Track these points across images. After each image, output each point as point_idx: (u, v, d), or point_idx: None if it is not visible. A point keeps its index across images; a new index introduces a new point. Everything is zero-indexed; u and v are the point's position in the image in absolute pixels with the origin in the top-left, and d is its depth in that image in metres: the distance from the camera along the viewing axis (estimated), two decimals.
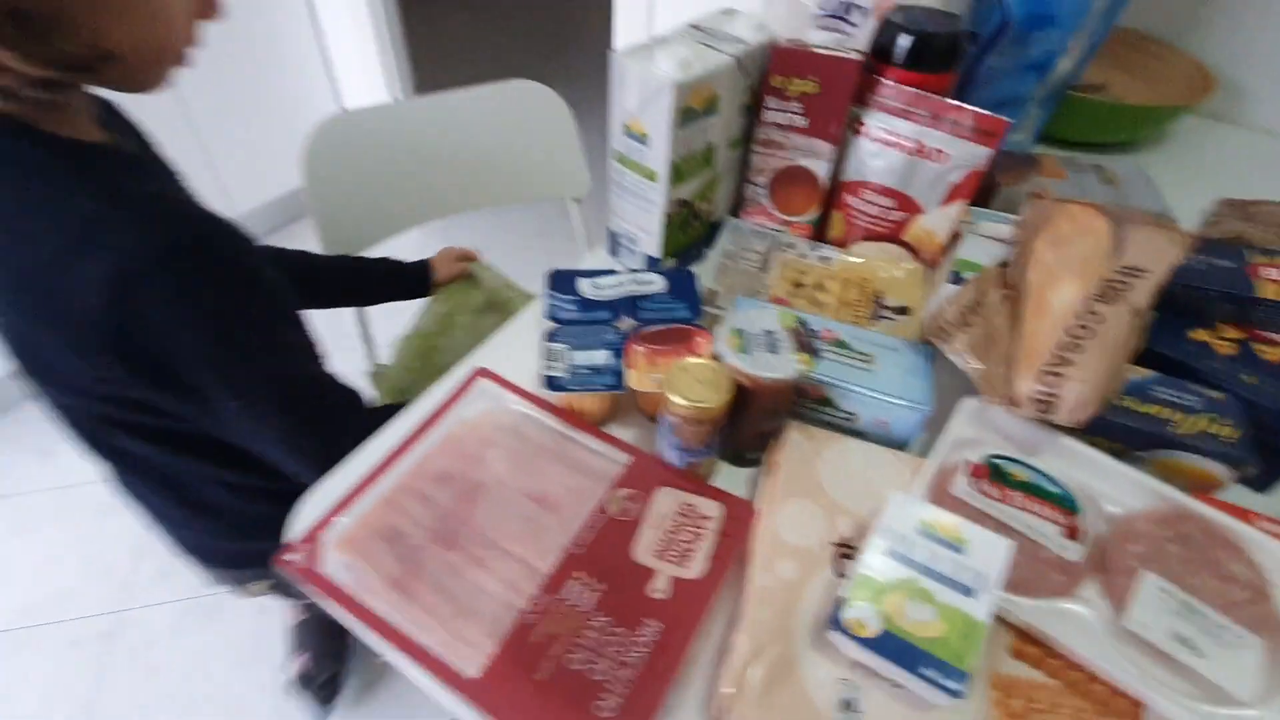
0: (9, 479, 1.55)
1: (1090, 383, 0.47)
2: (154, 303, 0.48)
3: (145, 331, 0.49)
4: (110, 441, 0.63)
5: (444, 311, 1.03)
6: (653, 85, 0.57)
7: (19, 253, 0.48)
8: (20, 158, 0.47)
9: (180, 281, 0.48)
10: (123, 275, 0.46)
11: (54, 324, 0.50)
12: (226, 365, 0.53)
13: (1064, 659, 0.43)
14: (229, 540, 0.75)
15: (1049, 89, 0.86)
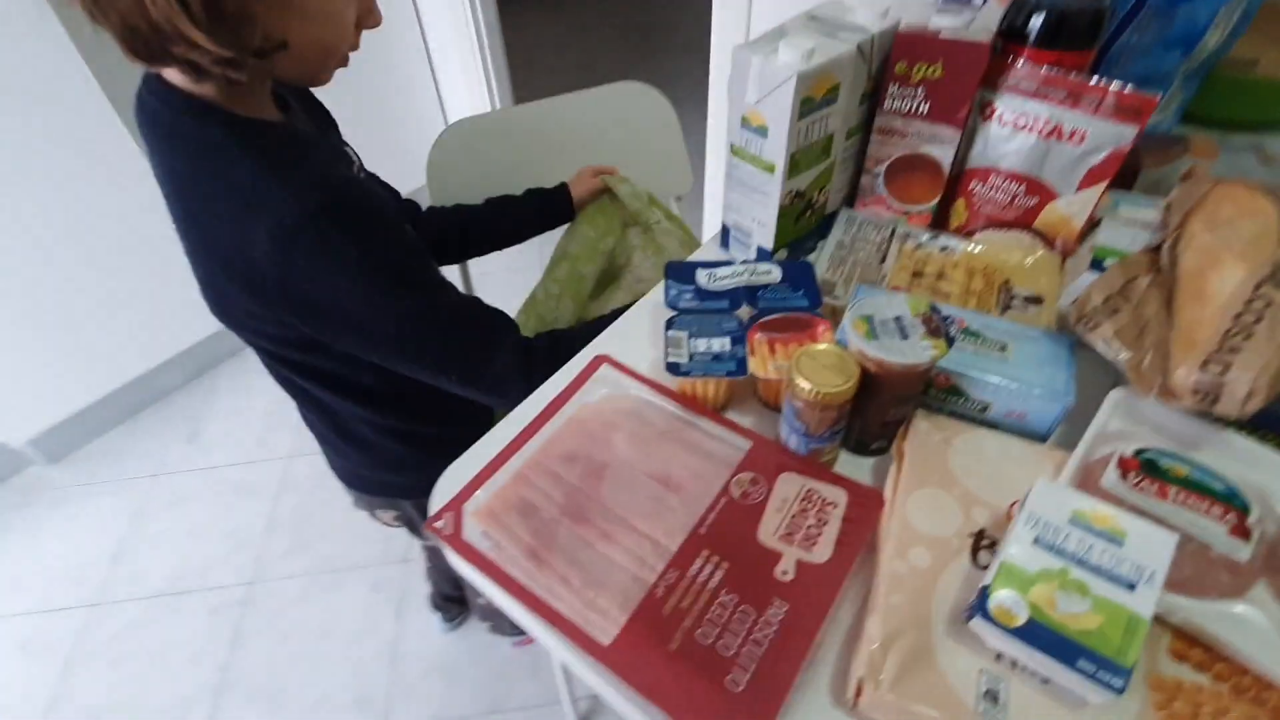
0: (161, 460, 1.73)
1: (1261, 372, 0.43)
2: (306, 255, 0.55)
3: (303, 280, 0.56)
4: (286, 376, 0.73)
5: (589, 236, 1.00)
6: (774, 76, 0.58)
7: (203, 214, 0.57)
8: (203, 134, 0.56)
9: (323, 237, 0.55)
10: (277, 233, 0.54)
11: (232, 275, 0.58)
12: (373, 302, 0.60)
13: (1233, 663, 0.40)
14: (369, 469, 0.86)
15: (1194, 65, 0.80)
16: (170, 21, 0.48)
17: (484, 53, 1.92)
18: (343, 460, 0.87)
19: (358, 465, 0.86)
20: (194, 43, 0.49)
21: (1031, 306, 0.61)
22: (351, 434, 0.80)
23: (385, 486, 0.88)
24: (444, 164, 1.01)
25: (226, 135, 0.56)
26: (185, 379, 1.90)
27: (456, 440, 0.60)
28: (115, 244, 1.58)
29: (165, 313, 1.75)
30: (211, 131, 0.56)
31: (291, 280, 0.56)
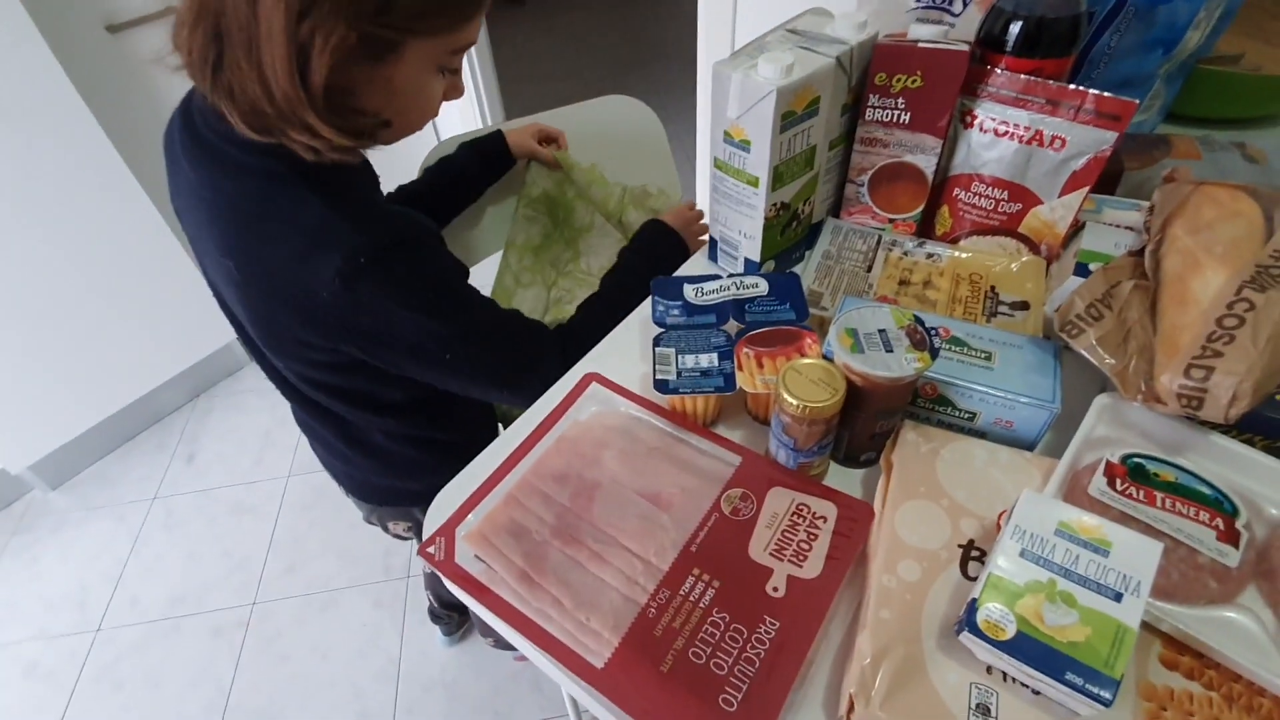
0: (160, 482, 1.73)
1: (1244, 375, 0.43)
2: (371, 290, 0.57)
3: (367, 313, 0.59)
4: (304, 393, 0.75)
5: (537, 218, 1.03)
6: (754, 91, 0.58)
7: (266, 250, 0.58)
8: (269, 171, 0.57)
9: (388, 271, 0.58)
10: (345, 271, 0.56)
11: (292, 306, 0.59)
12: (437, 330, 0.62)
13: (1223, 670, 0.40)
14: (381, 477, 0.86)
15: (1176, 64, 0.80)
16: (294, 110, 0.52)
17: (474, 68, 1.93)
18: (352, 470, 0.88)
19: (369, 473, 0.87)
20: (315, 130, 0.53)
21: (1018, 312, 0.61)
22: (365, 443, 0.81)
23: (398, 494, 0.89)
24: None
25: (291, 172, 0.57)
26: (181, 401, 1.90)
27: (471, 444, 0.61)
28: (111, 269, 1.59)
29: (161, 336, 1.75)
30: (275, 167, 0.57)
31: (356, 314, 0.59)
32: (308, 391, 0.73)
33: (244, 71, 0.51)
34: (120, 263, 1.60)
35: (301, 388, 0.73)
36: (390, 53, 0.54)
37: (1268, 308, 0.45)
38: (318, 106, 0.52)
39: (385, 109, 0.58)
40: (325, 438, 0.84)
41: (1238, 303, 0.46)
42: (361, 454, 0.82)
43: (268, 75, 0.50)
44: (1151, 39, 0.75)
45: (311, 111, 0.52)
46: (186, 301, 1.73)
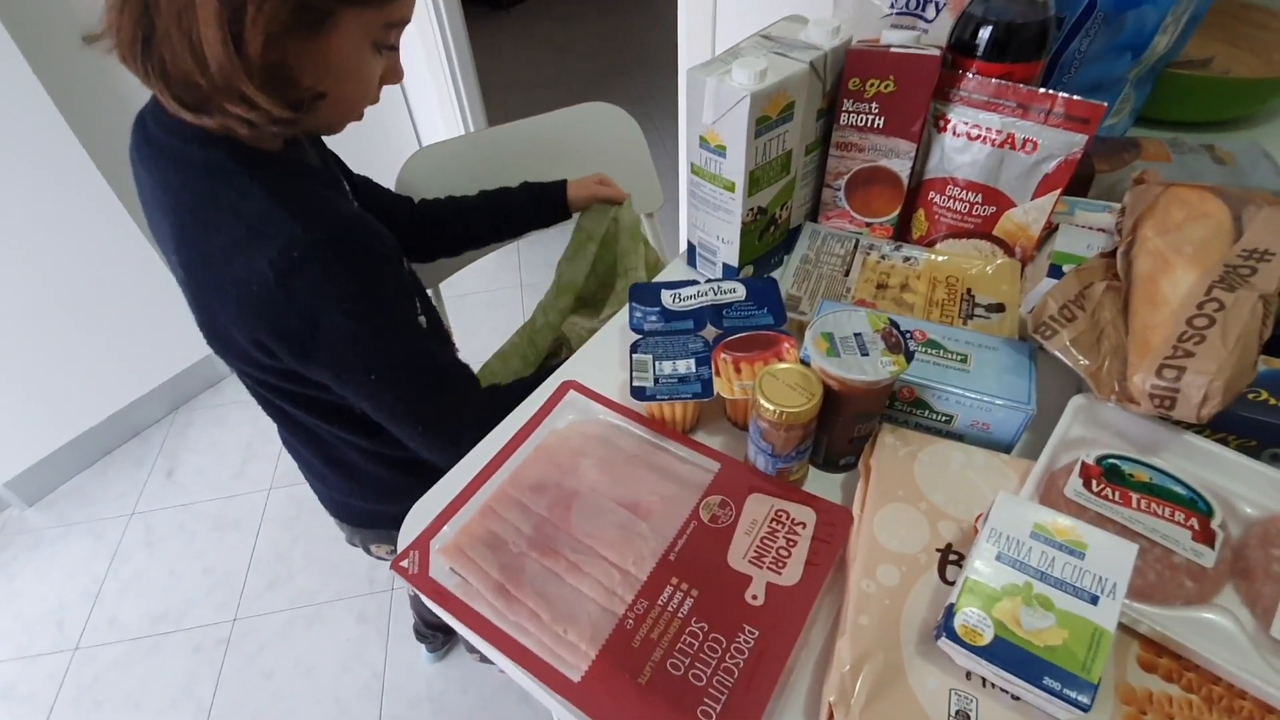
0: (138, 498, 1.70)
1: (1215, 375, 0.43)
2: (305, 287, 0.55)
3: (298, 312, 0.56)
4: (272, 401, 0.72)
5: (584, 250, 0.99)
6: (729, 97, 0.58)
7: (206, 239, 0.57)
8: (211, 160, 0.56)
9: (326, 268, 0.56)
10: (279, 263, 0.54)
11: (226, 299, 0.57)
12: (366, 344, 0.60)
13: (1202, 672, 0.40)
14: (360, 499, 0.84)
15: (1146, 68, 0.81)
16: (229, 81, 0.50)
17: (455, 76, 1.92)
18: (332, 492, 0.86)
19: (347, 495, 0.85)
20: (253, 102, 0.51)
21: (994, 314, 0.61)
22: (340, 461, 0.79)
23: (377, 517, 0.87)
24: (411, 187, 1.01)
25: (236, 163, 0.56)
26: (160, 414, 1.87)
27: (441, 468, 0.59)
28: (87, 281, 1.56)
29: (138, 348, 1.72)
30: (220, 158, 0.56)
31: (286, 311, 0.56)
32: (269, 397, 0.71)
33: (175, 43, 0.49)
34: (97, 274, 1.57)
35: (259, 393, 0.71)
36: (324, 23, 0.53)
37: (1237, 307, 0.46)
38: (254, 76, 0.50)
39: (316, 82, 0.56)
40: (304, 456, 0.82)
41: (1208, 302, 0.47)
42: (337, 473, 0.80)
43: (200, 45, 0.49)
44: (1120, 43, 0.76)
45: (248, 81, 0.50)
46: (164, 313, 1.70)
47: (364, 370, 0.61)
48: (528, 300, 2.15)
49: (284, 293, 0.55)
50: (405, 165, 1.01)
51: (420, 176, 1.01)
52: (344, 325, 0.58)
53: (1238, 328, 0.45)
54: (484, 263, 2.27)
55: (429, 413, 0.66)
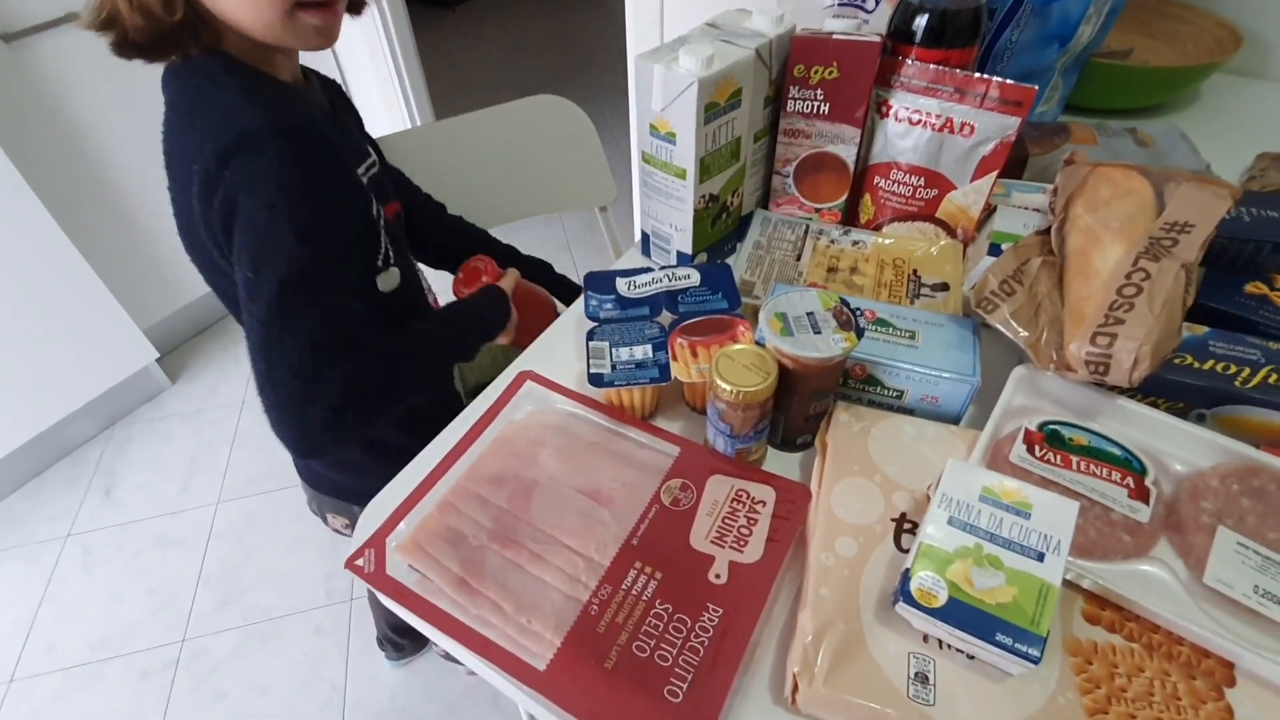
0: (74, 519, 1.61)
1: (1144, 340, 0.46)
2: (241, 164, 0.55)
3: (227, 188, 0.56)
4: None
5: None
6: (677, 83, 0.58)
7: (184, 131, 0.59)
8: (199, 63, 0.60)
9: (263, 152, 0.55)
10: (224, 145, 0.55)
11: (190, 188, 0.58)
12: (261, 233, 0.56)
13: (1143, 622, 0.42)
14: (325, 467, 0.85)
15: (1072, 57, 0.85)
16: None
17: (400, 73, 1.89)
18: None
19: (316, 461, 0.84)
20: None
21: (939, 293, 0.63)
22: None
23: (338, 487, 0.86)
24: None
25: (224, 68, 0.59)
26: (95, 430, 1.77)
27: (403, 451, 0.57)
28: (11, 290, 1.47)
29: (70, 360, 1.63)
30: (213, 64, 0.59)
31: (221, 188, 0.56)
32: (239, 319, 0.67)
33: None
34: (21, 283, 1.48)
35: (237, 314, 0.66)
36: None
37: (1161, 276, 0.48)
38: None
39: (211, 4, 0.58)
40: None
41: (1135, 273, 0.49)
42: None
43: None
44: (1048, 33, 0.80)
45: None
46: (98, 323, 1.62)
47: (250, 264, 0.55)
48: None
49: (224, 170, 0.55)
50: None
51: None
52: (256, 213, 0.55)
53: (1163, 295, 0.47)
54: None
55: (283, 354, 0.55)
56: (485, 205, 1.10)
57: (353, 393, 0.56)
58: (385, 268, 0.69)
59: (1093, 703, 0.38)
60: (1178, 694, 0.38)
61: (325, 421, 0.55)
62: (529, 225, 2.39)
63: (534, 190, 1.12)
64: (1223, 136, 0.85)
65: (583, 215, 2.39)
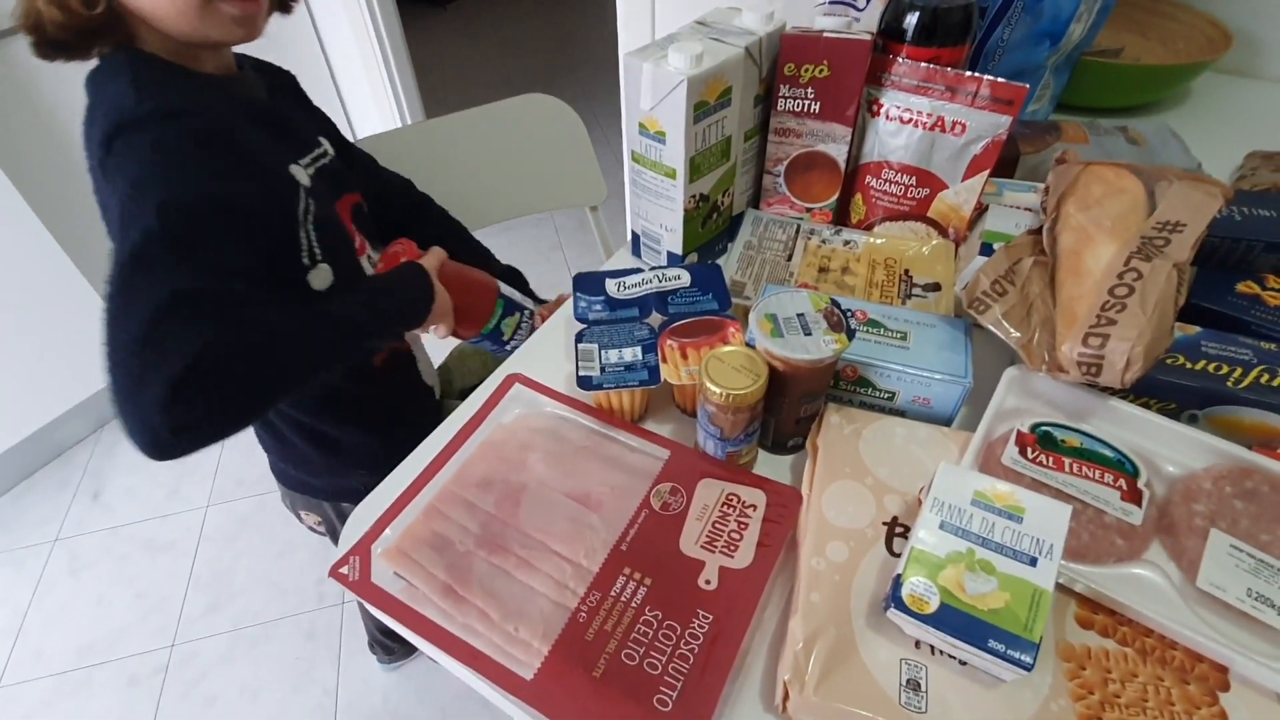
0: (62, 523, 1.59)
1: (1137, 341, 0.45)
2: (120, 149, 0.54)
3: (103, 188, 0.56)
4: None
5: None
6: (666, 82, 0.58)
7: (87, 131, 0.58)
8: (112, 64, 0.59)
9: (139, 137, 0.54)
10: (111, 130, 0.54)
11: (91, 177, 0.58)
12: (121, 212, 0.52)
13: (1136, 626, 0.41)
14: (283, 462, 0.85)
15: (1063, 55, 0.85)
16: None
17: (390, 69, 1.87)
18: (265, 451, 0.85)
19: (274, 454, 0.85)
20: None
21: (931, 293, 0.63)
22: (267, 421, 0.79)
23: (306, 485, 0.86)
24: None
25: (129, 61, 0.58)
26: (84, 433, 1.76)
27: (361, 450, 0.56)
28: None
29: (58, 362, 1.61)
30: (120, 58, 0.58)
31: (107, 174, 0.55)
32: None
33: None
34: (8, 285, 1.46)
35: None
36: None
37: (1153, 275, 0.48)
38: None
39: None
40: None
41: (1127, 272, 0.49)
42: (266, 431, 0.81)
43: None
44: (1039, 31, 0.79)
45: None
46: (86, 325, 1.60)
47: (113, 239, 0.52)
48: None
49: (108, 156, 0.55)
50: None
51: None
52: (124, 190, 0.52)
53: (1155, 295, 0.47)
54: None
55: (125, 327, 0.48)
56: (475, 205, 1.09)
57: (200, 371, 0.46)
58: (313, 264, 0.65)
59: (1086, 709, 0.38)
60: (1171, 699, 0.38)
61: (163, 402, 0.45)
62: (521, 226, 2.38)
63: (524, 190, 1.12)
64: (1213, 135, 0.85)
65: (574, 215, 2.38)
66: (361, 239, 0.76)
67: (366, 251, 0.77)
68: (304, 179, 0.66)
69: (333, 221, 0.69)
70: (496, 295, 0.77)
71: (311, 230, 0.65)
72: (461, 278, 0.75)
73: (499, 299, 0.77)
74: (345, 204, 0.75)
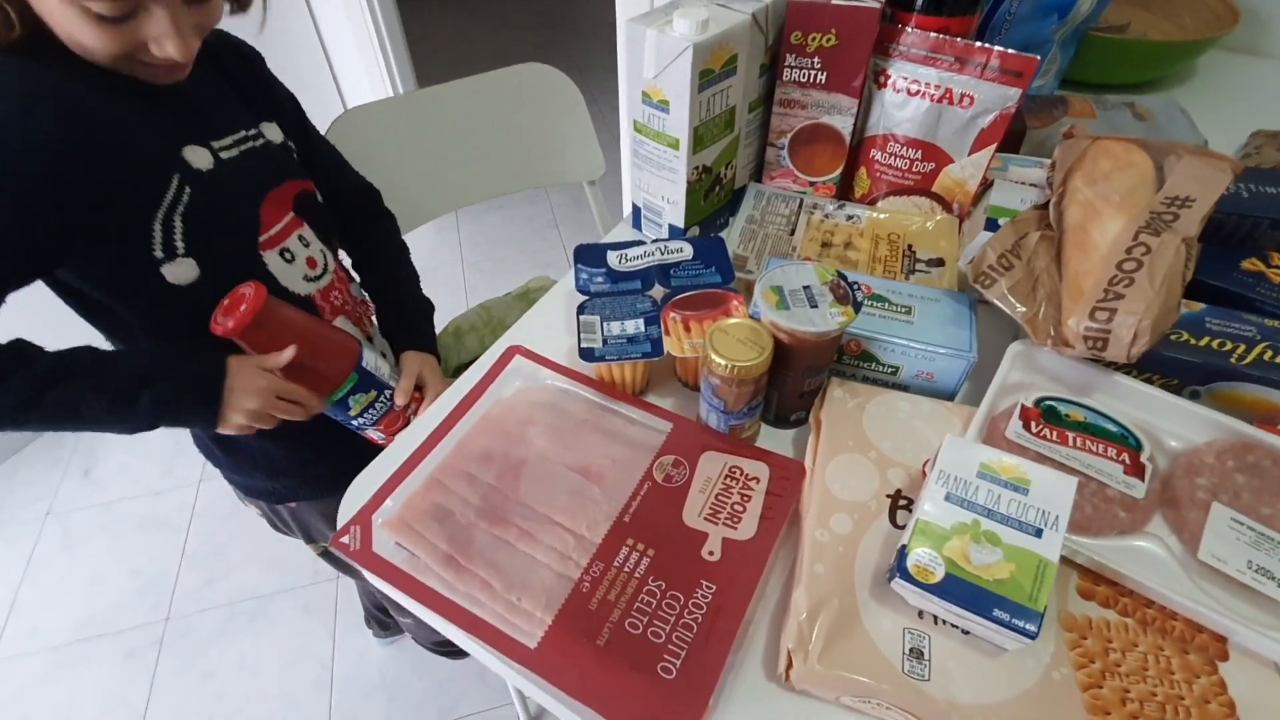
0: (53, 499, 1.58)
1: (1144, 315, 0.45)
2: None
3: None
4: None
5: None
6: (670, 49, 0.57)
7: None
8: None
9: None
10: None
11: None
12: None
13: (1137, 597, 0.41)
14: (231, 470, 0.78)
15: (1070, 29, 0.84)
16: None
17: (383, 43, 1.83)
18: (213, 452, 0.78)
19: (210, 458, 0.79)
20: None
21: (934, 269, 0.62)
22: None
23: (245, 489, 0.81)
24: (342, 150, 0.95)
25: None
26: None
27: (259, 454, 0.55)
28: None
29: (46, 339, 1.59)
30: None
31: None
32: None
33: None
34: None
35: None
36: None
37: (1162, 250, 0.48)
38: None
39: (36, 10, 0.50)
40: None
41: (1135, 247, 0.48)
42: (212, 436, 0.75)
43: None
44: (1047, 4, 0.78)
45: None
46: None
47: None
48: (470, 278, 2.09)
49: None
50: (333, 127, 0.95)
51: (349, 139, 0.95)
52: None
53: (1163, 269, 0.46)
54: (424, 240, 2.20)
55: None
56: (468, 179, 1.07)
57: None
58: (168, 258, 0.58)
59: (1087, 677, 0.38)
60: (1171, 668, 0.38)
61: None
62: (516, 203, 2.36)
63: (519, 163, 1.09)
64: (1218, 113, 0.84)
65: (570, 192, 2.35)
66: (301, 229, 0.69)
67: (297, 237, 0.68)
68: (203, 162, 0.60)
69: (227, 211, 0.61)
70: (352, 367, 0.67)
71: (178, 221, 0.58)
72: (313, 334, 0.65)
73: (354, 372, 0.67)
74: (284, 192, 0.67)
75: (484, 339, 1.03)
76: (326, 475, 0.76)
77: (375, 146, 0.97)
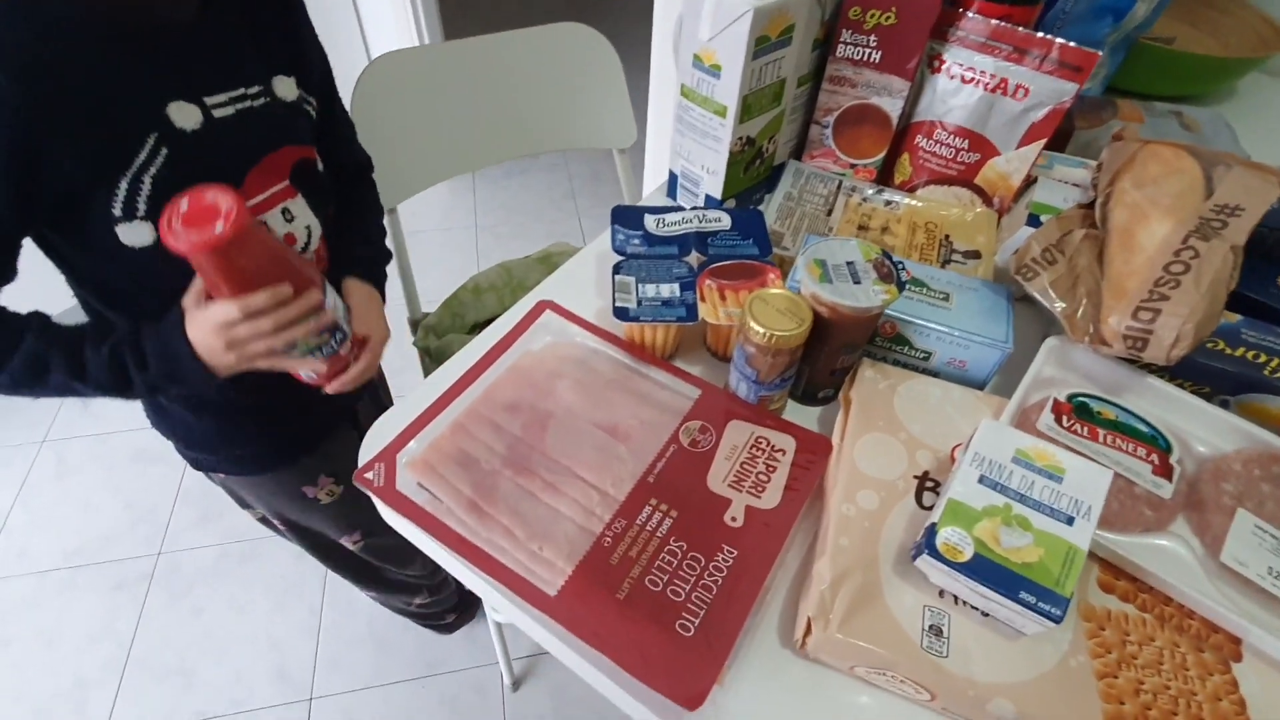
0: (49, 425, 1.57)
1: (1188, 318, 0.45)
2: None
3: None
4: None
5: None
6: (730, 11, 0.56)
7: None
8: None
9: None
10: None
11: None
12: None
13: (1156, 594, 0.42)
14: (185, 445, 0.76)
15: (1122, 35, 0.83)
16: None
17: None
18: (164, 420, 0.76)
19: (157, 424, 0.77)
20: None
21: (970, 260, 0.62)
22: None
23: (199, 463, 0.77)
24: (372, 97, 0.93)
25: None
26: None
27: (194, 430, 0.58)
28: None
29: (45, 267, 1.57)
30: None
31: None
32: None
33: None
34: None
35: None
36: None
37: (1210, 255, 0.47)
38: None
39: None
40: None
41: (1184, 250, 0.48)
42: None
43: None
44: (1103, 5, 0.77)
45: None
46: None
47: None
48: (482, 242, 2.08)
49: None
50: (363, 76, 0.93)
51: (379, 89, 0.93)
52: None
53: (1210, 275, 0.46)
54: (438, 201, 2.18)
55: None
56: (491, 137, 1.05)
57: None
58: (127, 218, 0.54)
59: (1103, 666, 0.38)
60: (1186, 664, 0.39)
61: None
62: (534, 169, 2.34)
63: (547, 125, 1.07)
64: (1256, 134, 0.83)
65: (590, 164, 2.33)
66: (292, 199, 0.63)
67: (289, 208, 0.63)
68: (189, 121, 0.54)
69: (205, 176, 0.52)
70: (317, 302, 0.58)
71: (146, 182, 0.53)
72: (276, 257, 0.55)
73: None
74: (281, 158, 0.61)
75: (504, 298, 1.02)
76: (250, 457, 0.74)
77: (407, 97, 0.96)
